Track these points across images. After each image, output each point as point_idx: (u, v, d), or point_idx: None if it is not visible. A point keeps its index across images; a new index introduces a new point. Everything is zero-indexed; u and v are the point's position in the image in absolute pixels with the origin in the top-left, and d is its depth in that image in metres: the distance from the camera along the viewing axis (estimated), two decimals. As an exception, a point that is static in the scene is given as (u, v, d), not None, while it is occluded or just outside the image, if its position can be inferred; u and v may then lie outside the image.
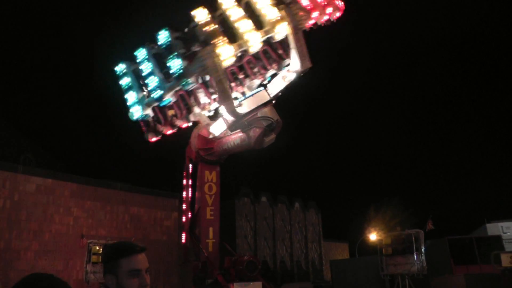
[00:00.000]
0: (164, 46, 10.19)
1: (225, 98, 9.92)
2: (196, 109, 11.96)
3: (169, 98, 10.29)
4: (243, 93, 11.87)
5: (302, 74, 11.20)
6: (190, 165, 13.13)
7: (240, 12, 9.65)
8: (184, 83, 9.86)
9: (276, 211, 42.41)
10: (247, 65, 11.55)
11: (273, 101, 11.77)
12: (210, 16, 9.60)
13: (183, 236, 12.98)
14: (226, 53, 9.33)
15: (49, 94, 57.34)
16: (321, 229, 46.92)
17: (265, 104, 11.04)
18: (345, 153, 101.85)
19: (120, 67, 11.10)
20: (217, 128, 12.31)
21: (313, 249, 44.90)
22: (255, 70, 11.69)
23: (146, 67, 10.37)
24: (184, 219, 13.00)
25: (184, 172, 13.27)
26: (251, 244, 38.02)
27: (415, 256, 19.05)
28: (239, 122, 10.80)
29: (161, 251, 20.39)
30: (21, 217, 14.47)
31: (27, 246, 14.43)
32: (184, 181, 13.21)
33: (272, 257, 39.98)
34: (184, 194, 13.12)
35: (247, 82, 11.89)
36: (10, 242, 14.00)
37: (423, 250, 19.28)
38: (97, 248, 14.92)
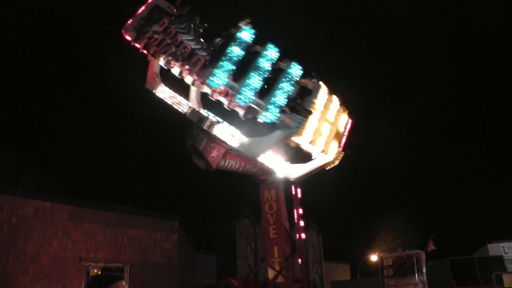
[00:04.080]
0: (286, 77, 10.13)
1: (258, 152, 10.57)
2: (176, 69, 10.63)
3: (225, 81, 9.66)
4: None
5: (284, 180, 12.29)
6: None
7: (327, 127, 10.80)
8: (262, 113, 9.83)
9: (277, 232, 42.08)
10: None
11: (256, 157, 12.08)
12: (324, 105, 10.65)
13: None
14: (304, 137, 10.01)
15: (48, 117, 57.63)
16: (322, 250, 46.53)
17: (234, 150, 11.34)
18: (346, 174, 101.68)
19: (245, 35, 10.10)
20: (164, 92, 11.39)
21: (314, 270, 44.44)
22: None
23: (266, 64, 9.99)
24: None
25: None
26: (252, 266, 37.63)
27: (416, 277, 18.93)
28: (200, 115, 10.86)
29: (160, 274, 20.20)
30: (18, 240, 14.35)
31: (24, 269, 14.27)
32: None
33: (273, 279, 39.52)
34: None
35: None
36: (7, 266, 13.87)
37: (424, 271, 19.17)
38: (95, 271, 14.82)
